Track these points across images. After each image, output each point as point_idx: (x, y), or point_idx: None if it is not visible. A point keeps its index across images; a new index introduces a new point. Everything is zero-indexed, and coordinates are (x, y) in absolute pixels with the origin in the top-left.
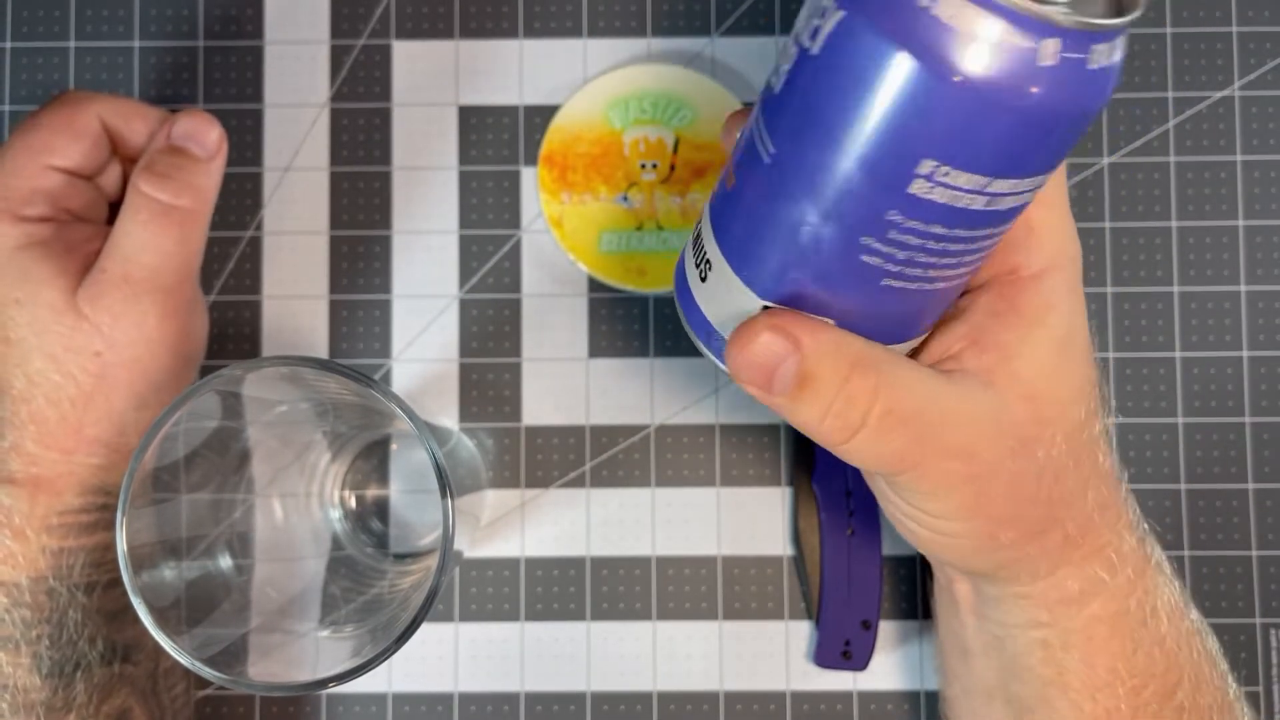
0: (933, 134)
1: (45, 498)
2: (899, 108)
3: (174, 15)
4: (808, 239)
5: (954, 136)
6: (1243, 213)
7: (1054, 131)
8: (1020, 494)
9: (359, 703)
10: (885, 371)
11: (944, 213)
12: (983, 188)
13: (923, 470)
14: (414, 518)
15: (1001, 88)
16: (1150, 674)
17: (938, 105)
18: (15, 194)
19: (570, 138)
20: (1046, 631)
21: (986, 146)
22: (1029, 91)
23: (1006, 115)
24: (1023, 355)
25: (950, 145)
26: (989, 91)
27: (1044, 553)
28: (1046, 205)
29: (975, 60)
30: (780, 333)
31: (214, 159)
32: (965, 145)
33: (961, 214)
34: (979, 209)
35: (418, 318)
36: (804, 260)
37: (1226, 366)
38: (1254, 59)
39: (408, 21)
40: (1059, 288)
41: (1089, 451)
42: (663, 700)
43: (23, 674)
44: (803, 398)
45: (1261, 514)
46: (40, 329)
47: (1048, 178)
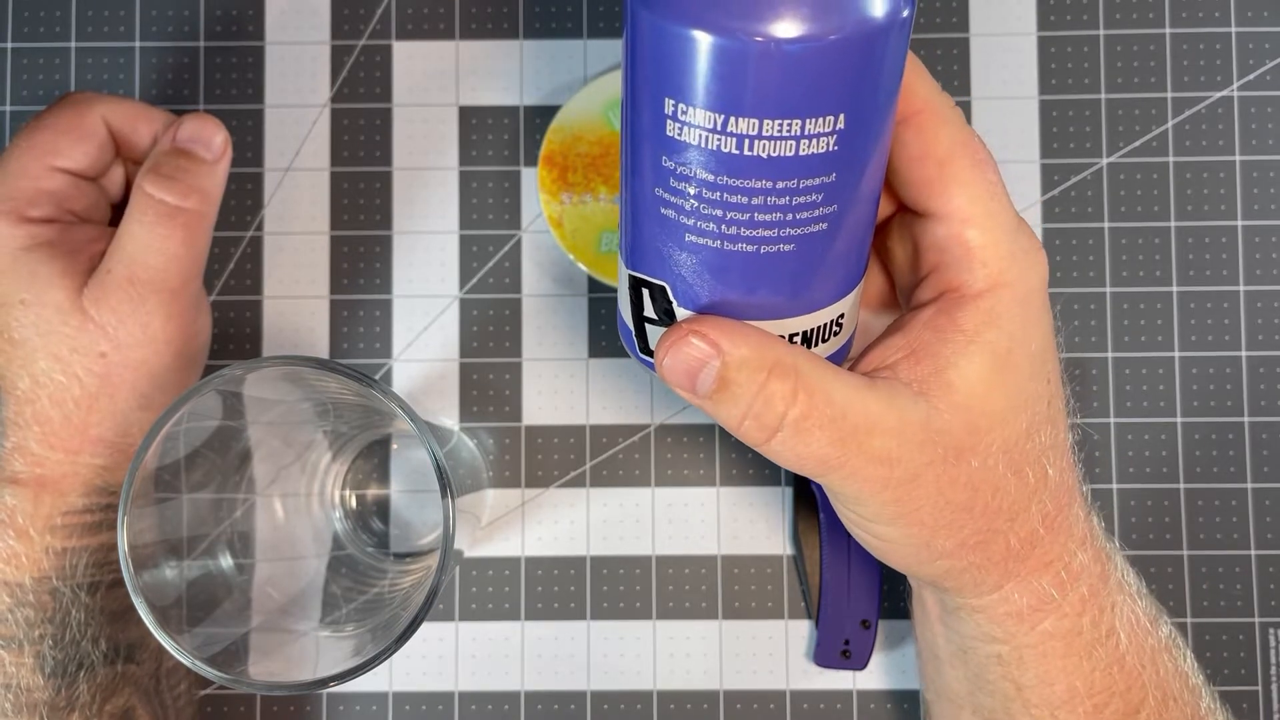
0: (662, 72)
1: (49, 498)
2: (638, 51)
3: (175, 16)
4: (628, 200)
5: (676, 72)
6: (1241, 213)
7: (769, 67)
8: (952, 502)
9: (359, 702)
10: (805, 375)
11: (701, 156)
12: (721, 126)
13: (845, 473)
14: (414, 517)
15: (695, 23)
16: (1111, 692)
17: (653, 42)
18: (20, 195)
19: (570, 138)
20: (1001, 647)
21: (704, 81)
22: (714, 21)
23: (708, 51)
24: (957, 366)
25: (678, 81)
26: (684, 29)
27: (987, 563)
28: (981, 226)
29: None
30: (702, 338)
31: (219, 161)
32: (685, 80)
33: (719, 157)
34: (734, 152)
35: (418, 318)
36: (635, 223)
37: (1225, 366)
38: (1253, 59)
39: (408, 22)
40: (1003, 304)
41: (1034, 464)
42: (662, 699)
43: (26, 674)
44: (722, 399)
45: (1260, 514)
46: (45, 330)
47: (833, 120)
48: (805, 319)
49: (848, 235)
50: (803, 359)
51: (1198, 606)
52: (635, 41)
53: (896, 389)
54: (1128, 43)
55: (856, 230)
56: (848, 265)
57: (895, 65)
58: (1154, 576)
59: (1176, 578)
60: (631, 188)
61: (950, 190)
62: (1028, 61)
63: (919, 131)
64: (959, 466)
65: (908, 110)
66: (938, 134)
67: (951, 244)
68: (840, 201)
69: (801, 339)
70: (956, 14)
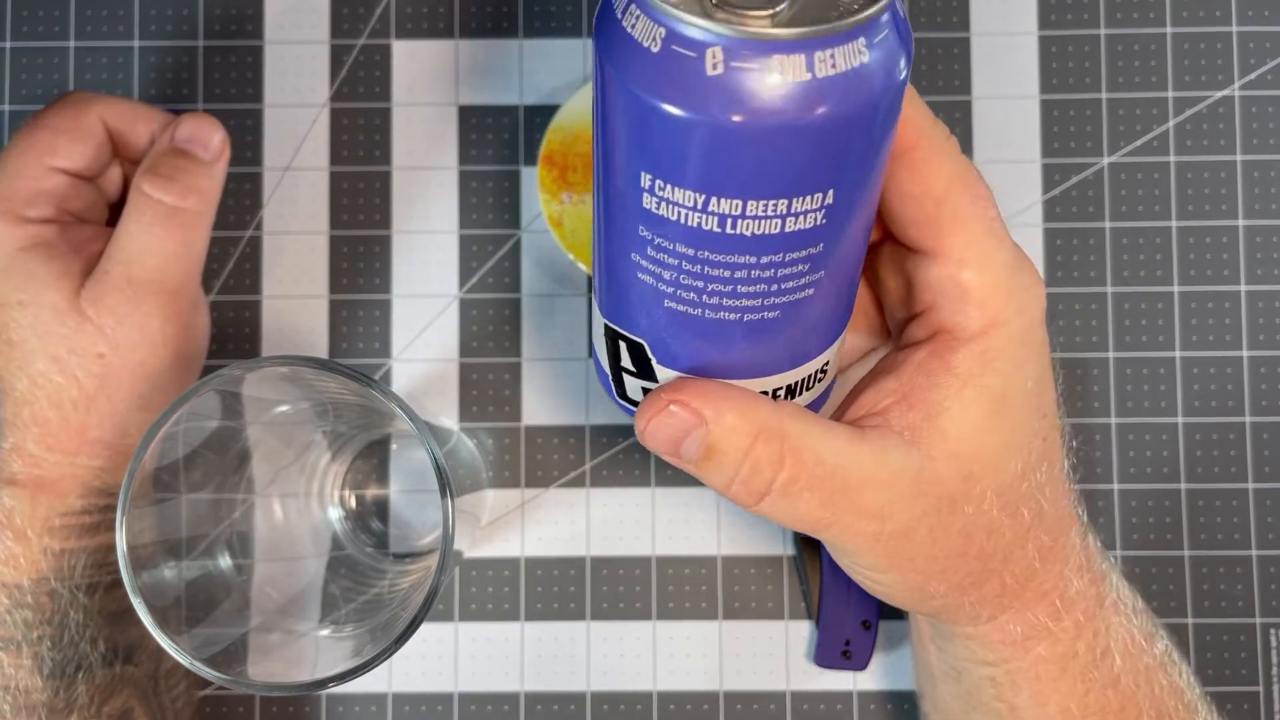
0: (642, 147)
1: (47, 499)
2: (610, 116)
3: (174, 15)
4: (602, 253)
5: (656, 150)
6: (1243, 212)
7: (752, 149)
8: (946, 549)
9: (359, 702)
10: (793, 437)
11: (680, 231)
12: (702, 205)
13: (836, 531)
14: (414, 517)
15: (670, 100)
16: (1105, 712)
17: (633, 118)
18: (18, 195)
19: (570, 137)
20: (994, 670)
21: (686, 161)
22: (700, 104)
23: (685, 129)
24: (950, 412)
25: (657, 159)
26: (658, 104)
27: (982, 601)
28: (978, 267)
29: (643, 72)
30: (683, 406)
31: (217, 161)
32: (666, 159)
33: (699, 234)
34: (716, 230)
35: (418, 317)
36: (610, 278)
37: (1226, 366)
38: (1254, 59)
39: (407, 21)
40: (999, 344)
41: (1029, 502)
42: (662, 700)
43: (24, 675)
44: (708, 467)
45: (1261, 514)
46: (43, 330)
47: (821, 197)
48: (790, 374)
49: (834, 294)
50: (789, 418)
51: (1198, 607)
52: (606, 104)
53: (888, 439)
54: (1129, 42)
55: (843, 286)
56: (834, 320)
57: (889, 128)
58: (1154, 577)
59: (1177, 578)
60: (606, 245)
61: (948, 230)
62: (1028, 61)
63: (914, 169)
64: (952, 515)
65: (902, 144)
66: (935, 170)
67: (947, 285)
68: (827, 268)
69: (785, 392)
70: (957, 13)
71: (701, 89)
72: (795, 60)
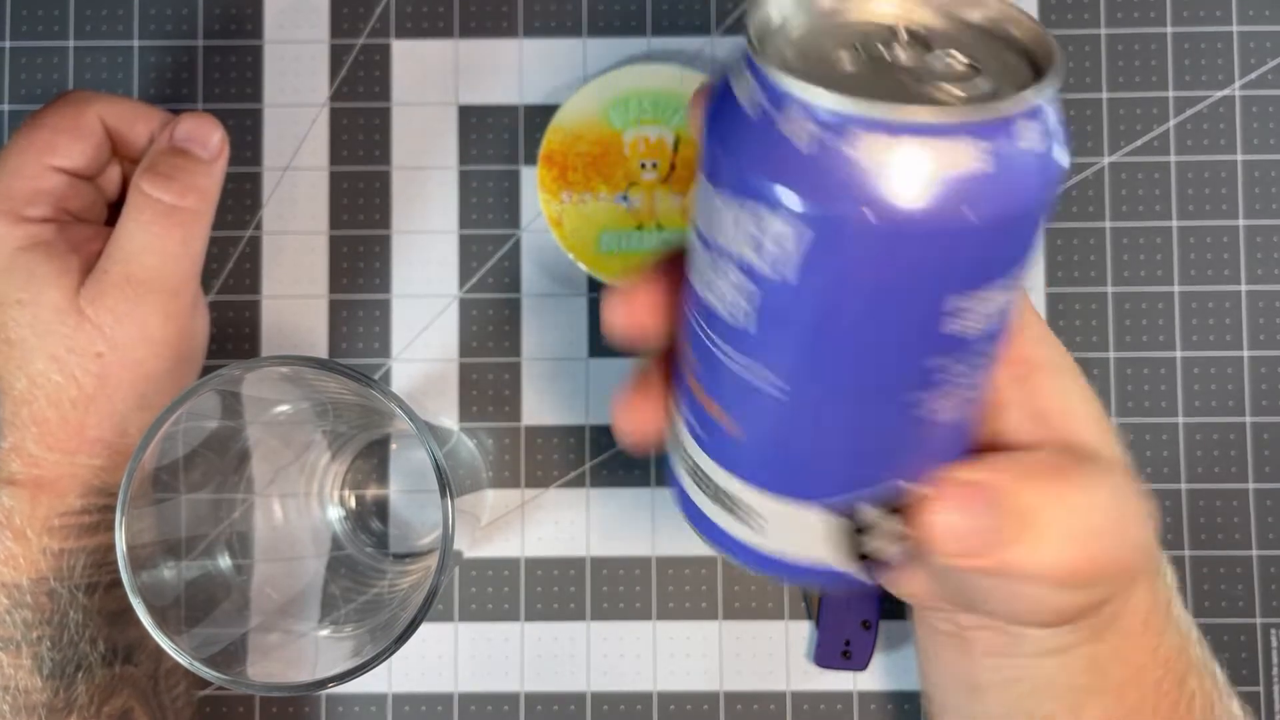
0: (949, 268)
1: (47, 499)
2: (911, 269)
3: (173, 15)
4: (863, 425)
5: (967, 266)
6: (1243, 212)
7: (1031, 226)
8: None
9: (359, 703)
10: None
11: (987, 337)
12: (1004, 301)
13: None
14: (414, 517)
15: (1015, 203)
16: (1169, 663)
17: (933, 246)
18: (18, 194)
19: (570, 137)
20: (1072, 652)
21: (1012, 253)
22: (1039, 188)
23: (1022, 221)
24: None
25: (964, 268)
26: (1006, 213)
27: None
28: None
29: (983, 190)
30: (969, 488)
31: (216, 160)
32: (960, 261)
33: (996, 333)
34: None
35: (417, 317)
36: (863, 445)
37: (1227, 366)
38: (1254, 58)
39: (407, 21)
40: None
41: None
42: (663, 700)
43: (24, 675)
44: (1025, 536)
45: (1262, 514)
46: (42, 330)
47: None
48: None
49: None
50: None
51: (1199, 607)
52: (910, 260)
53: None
54: (1129, 42)
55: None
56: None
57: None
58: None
59: (1178, 578)
60: (850, 412)
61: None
62: None
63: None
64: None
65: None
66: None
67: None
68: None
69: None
70: None
71: (1030, 168)
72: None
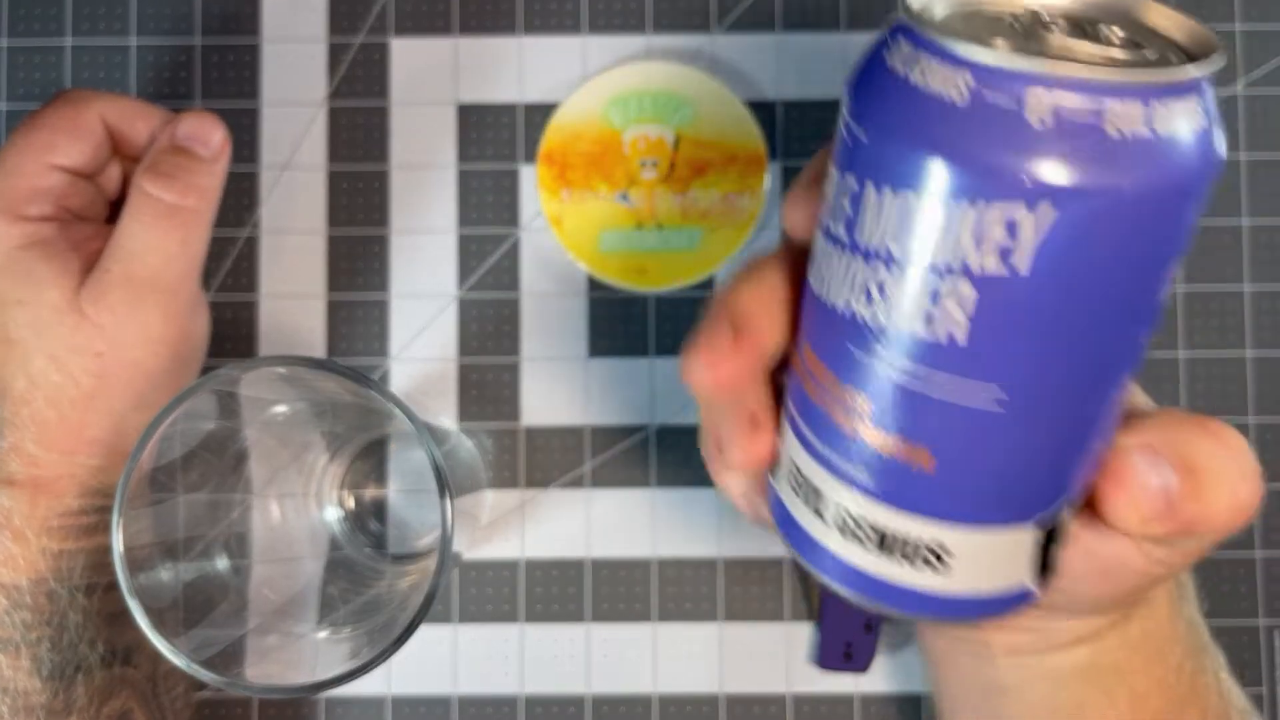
0: (1169, 239)
1: (45, 499)
2: (1146, 239)
3: (171, 13)
4: (1080, 420)
5: (1175, 227)
6: (1246, 211)
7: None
8: None
9: (357, 705)
10: None
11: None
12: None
13: None
14: (412, 518)
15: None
16: (1187, 641)
17: (1169, 209)
18: (17, 193)
19: (570, 136)
20: (1100, 641)
21: (1187, 224)
22: (1213, 154)
23: (1201, 186)
24: None
25: (1178, 236)
26: (1201, 177)
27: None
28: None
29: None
30: (1149, 454)
31: (218, 159)
32: (1178, 229)
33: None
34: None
35: (416, 317)
36: (1072, 438)
37: (1230, 366)
38: (1258, 57)
39: (406, 19)
40: None
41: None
42: (663, 703)
43: (23, 676)
44: (1203, 489)
45: (1265, 514)
46: (42, 329)
47: None
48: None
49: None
50: None
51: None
52: (1146, 229)
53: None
54: None
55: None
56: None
57: None
58: None
59: None
60: (1071, 408)
61: None
62: None
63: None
64: None
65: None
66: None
67: None
68: None
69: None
70: None
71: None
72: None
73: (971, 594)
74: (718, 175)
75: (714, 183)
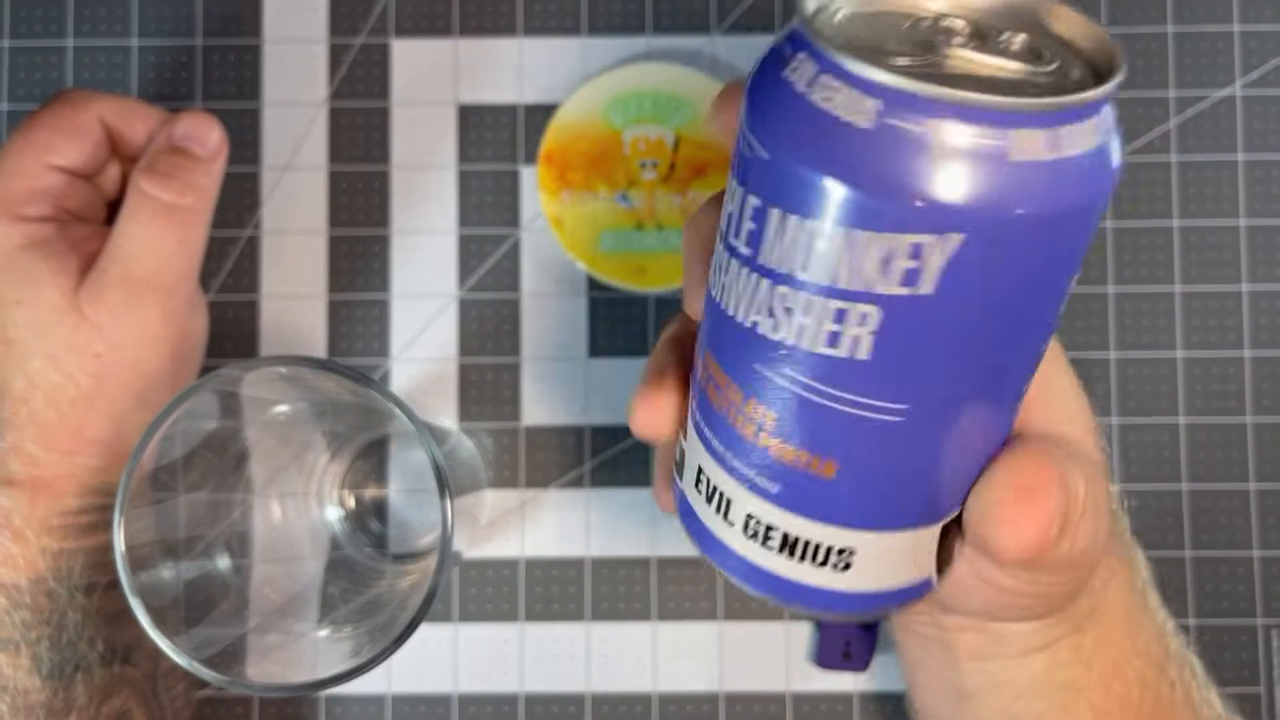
0: (1071, 253)
1: (45, 499)
2: (1049, 255)
3: (172, 14)
4: (980, 427)
5: (1076, 241)
6: (1244, 212)
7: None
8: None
9: (358, 704)
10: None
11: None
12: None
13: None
14: (413, 518)
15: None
16: (1150, 655)
17: (1071, 226)
18: (16, 194)
19: (570, 136)
20: (1055, 648)
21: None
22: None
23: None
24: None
25: (1080, 248)
26: (1096, 200)
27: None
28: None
29: (1090, 183)
30: (1044, 486)
31: (215, 159)
32: (1079, 242)
33: None
34: None
35: (417, 317)
36: (970, 445)
37: (1228, 366)
38: (1256, 57)
39: (407, 20)
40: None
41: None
42: (663, 702)
43: (23, 675)
44: (1084, 527)
45: (1263, 514)
46: (40, 329)
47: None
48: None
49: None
50: None
51: (1199, 607)
52: (1041, 236)
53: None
54: (1130, 40)
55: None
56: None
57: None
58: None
59: (1178, 578)
60: (973, 416)
61: None
62: None
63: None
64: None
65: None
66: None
67: None
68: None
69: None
70: None
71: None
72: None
73: (874, 590)
74: (718, 176)
75: (714, 183)
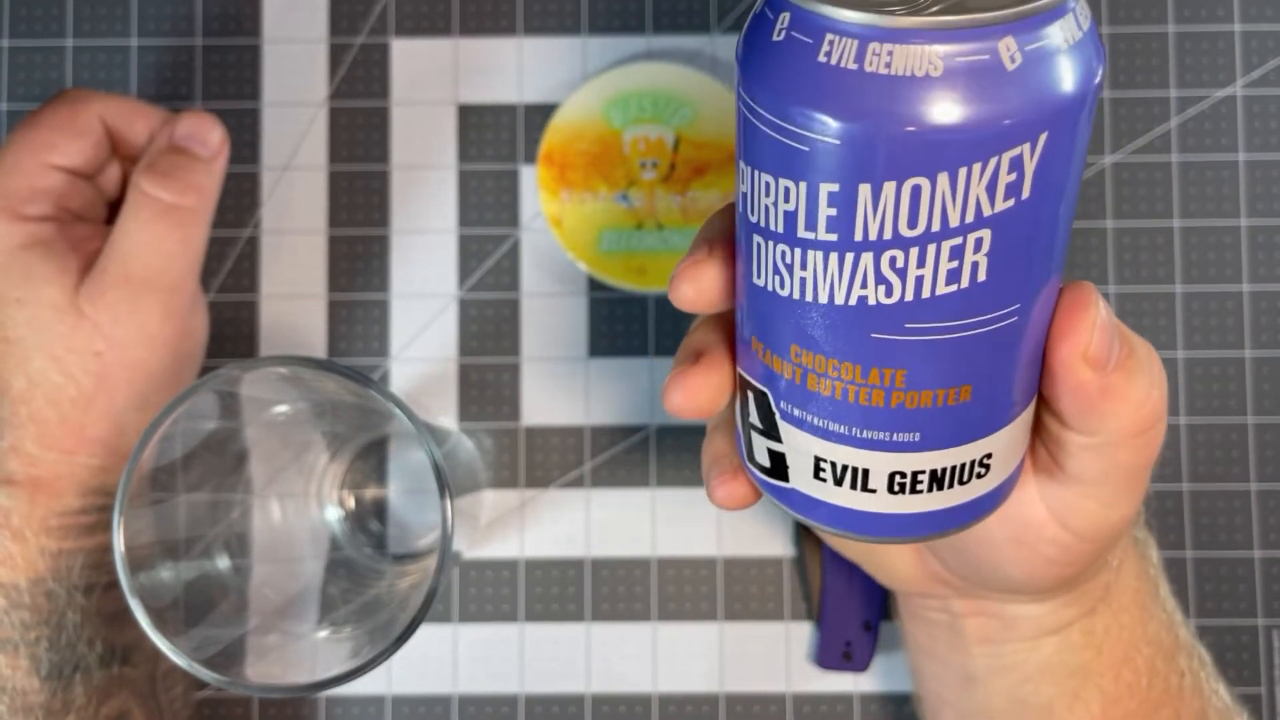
0: (1090, 121)
1: (45, 499)
2: (1087, 134)
3: (172, 13)
4: (1053, 288)
5: (1089, 122)
6: (1245, 212)
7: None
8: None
9: (357, 705)
10: None
11: None
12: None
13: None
14: (413, 518)
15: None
16: (1160, 642)
17: (1089, 106)
18: (17, 193)
19: (570, 136)
20: (1068, 631)
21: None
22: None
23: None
24: None
25: (1088, 128)
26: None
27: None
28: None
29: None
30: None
31: (216, 158)
32: (1089, 123)
33: None
34: None
35: (416, 317)
36: (1049, 308)
37: (1229, 366)
38: (1256, 57)
39: (406, 19)
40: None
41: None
42: (663, 702)
43: (21, 676)
44: (1130, 361)
45: (1264, 514)
46: (41, 328)
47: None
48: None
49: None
50: None
51: (1200, 607)
52: (1088, 117)
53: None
54: (1130, 40)
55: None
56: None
57: None
58: None
59: (1179, 579)
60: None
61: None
62: None
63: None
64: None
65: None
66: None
67: None
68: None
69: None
70: None
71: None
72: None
73: (1002, 481)
74: (717, 176)
75: (714, 183)
